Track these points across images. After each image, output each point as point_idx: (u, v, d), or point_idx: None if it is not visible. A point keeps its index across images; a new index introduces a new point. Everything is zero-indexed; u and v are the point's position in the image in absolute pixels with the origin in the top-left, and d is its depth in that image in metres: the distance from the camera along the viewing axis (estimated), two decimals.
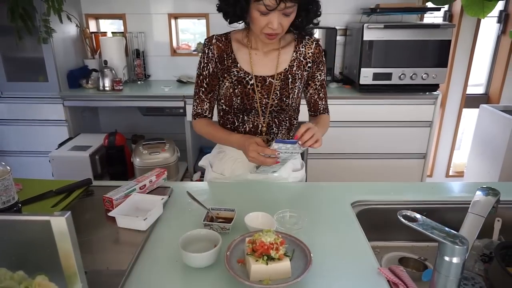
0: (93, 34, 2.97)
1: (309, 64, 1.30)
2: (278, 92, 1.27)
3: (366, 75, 2.47)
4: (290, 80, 1.28)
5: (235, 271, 0.84)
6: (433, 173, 3.19)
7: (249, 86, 1.26)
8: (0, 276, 0.60)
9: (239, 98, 1.26)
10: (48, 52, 2.48)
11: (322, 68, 1.33)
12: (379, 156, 2.67)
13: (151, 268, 0.90)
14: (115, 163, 2.49)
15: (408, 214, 0.86)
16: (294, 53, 1.29)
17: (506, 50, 2.83)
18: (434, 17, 2.98)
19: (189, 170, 2.76)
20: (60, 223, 0.60)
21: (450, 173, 3.21)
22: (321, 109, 1.37)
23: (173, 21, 2.99)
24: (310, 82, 1.33)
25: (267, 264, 0.83)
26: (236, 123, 1.32)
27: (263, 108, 1.28)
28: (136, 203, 1.15)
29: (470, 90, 3.02)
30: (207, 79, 1.29)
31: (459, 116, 3.01)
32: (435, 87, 2.53)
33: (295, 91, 1.29)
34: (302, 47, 1.29)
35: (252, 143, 1.14)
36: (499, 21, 2.86)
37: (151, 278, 0.87)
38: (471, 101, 3.00)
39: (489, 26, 2.93)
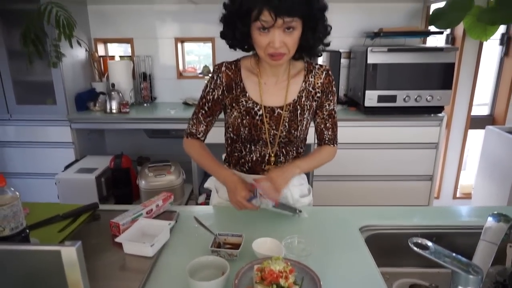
0: (101, 58, 3.03)
1: (318, 94, 1.27)
2: (286, 124, 1.25)
3: (371, 98, 2.49)
4: (299, 111, 1.25)
5: None
6: (440, 195, 3.16)
7: (257, 117, 1.24)
8: None
9: (247, 128, 1.25)
10: (57, 76, 2.53)
11: (331, 98, 1.29)
12: (385, 178, 2.66)
13: None
14: (120, 185, 2.49)
15: (420, 241, 0.85)
16: (303, 83, 1.26)
17: (509, 71, 2.85)
18: (437, 40, 3.02)
19: (195, 192, 2.75)
20: (70, 254, 0.60)
21: (458, 195, 3.18)
22: (326, 139, 1.33)
23: (179, 44, 3.05)
24: (318, 111, 1.30)
25: None
26: (244, 152, 1.31)
27: (271, 139, 1.27)
28: (142, 228, 1.14)
29: (475, 110, 3.03)
30: (210, 104, 1.28)
31: (464, 137, 3.01)
32: (440, 109, 2.54)
33: (303, 123, 1.27)
34: (312, 77, 1.27)
35: (239, 193, 1.15)
36: (501, 44, 2.89)
37: None
38: (476, 122, 3.00)
39: (492, 48, 2.96)
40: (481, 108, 3.15)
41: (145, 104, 2.98)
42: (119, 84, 2.83)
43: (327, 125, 1.31)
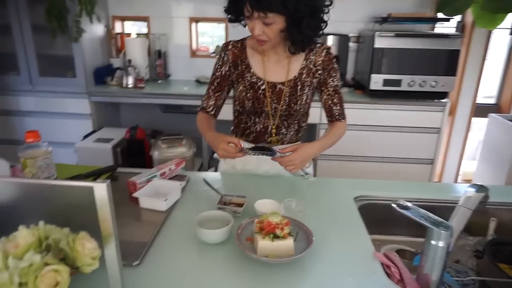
0: (118, 35, 3.14)
1: (319, 72, 1.35)
2: (287, 98, 1.35)
3: (377, 81, 2.56)
4: (299, 87, 1.35)
5: (244, 247, 0.95)
6: (441, 180, 3.24)
7: (260, 91, 1.34)
8: (51, 230, 0.72)
9: (251, 101, 1.36)
10: (77, 51, 2.66)
11: (334, 74, 1.36)
12: (387, 160, 2.74)
13: (170, 243, 1.01)
14: (135, 155, 2.63)
15: (401, 203, 0.96)
16: (304, 61, 1.34)
17: None
18: (448, 27, 3.04)
19: (204, 165, 2.89)
20: (101, 190, 0.72)
21: (459, 181, 3.25)
22: (336, 114, 1.40)
23: (193, 24, 3.14)
24: (323, 88, 1.37)
25: (272, 241, 0.93)
26: (249, 123, 1.42)
27: (272, 112, 1.37)
28: (156, 188, 1.26)
29: (484, 102, 3.07)
30: (218, 80, 1.39)
31: (468, 125, 3.06)
32: (443, 94, 2.60)
33: (303, 98, 1.36)
34: (313, 55, 1.34)
35: (221, 142, 1.22)
36: (511, 33, 2.91)
37: (170, 250, 0.98)
38: (481, 110, 3.05)
39: (502, 37, 2.98)
40: (489, 100, 3.19)
41: (159, 81, 3.09)
42: (135, 61, 2.94)
43: (334, 100, 1.39)
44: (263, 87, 1.34)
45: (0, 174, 1.05)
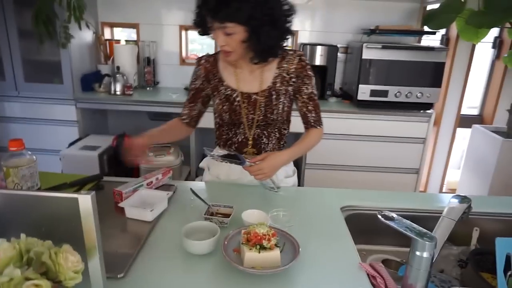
0: (107, 41, 3.12)
1: (293, 79, 1.34)
2: (262, 108, 1.34)
3: (364, 91, 2.60)
4: (274, 96, 1.34)
5: (231, 258, 0.94)
6: (427, 189, 3.28)
7: (236, 103, 1.35)
8: (33, 243, 0.71)
9: (227, 113, 1.36)
10: (65, 57, 2.63)
11: (308, 81, 1.34)
12: (373, 169, 2.78)
13: (156, 254, 0.99)
14: (121, 163, 2.60)
15: (386, 213, 0.97)
16: (277, 70, 1.33)
17: (499, 74, 2.96)
18: (432, 40, 3.12)
19: (192, 174, 2.87)
20: (86, 201, 0.71)
21: (444, 190, 3.30)
22: (311, 121, 1.39)
23: (183, 32, 3.14)
24: (297, 96, 1.36)
25: (259, 252, 0.93)
26: (230, 135, 1.42)
27: (249, 123, 1.37)
28: (143, 198, 1.24)
29: (467, 112, 3.14)
30: (193, 92, 1.43)
31: (453, 135, 3.12)
32: (429, 105, 2.65)
33: (279, 107, 1.35)
34: (285, 63, 1.33)
35: (133, 145, 1.34)
36: (494, 47, 3.00)
37: (156, 261, 0.96)
38: (466, 121, 3.11)
39: (485, 51, 3.07)
40: (472, 111, 3.27)
41: (148, 88, 3.08)
42: (124, 68, 2.92)
43: (309, 107, 1.37)
44: (238, 98, 1.35)
45: None
